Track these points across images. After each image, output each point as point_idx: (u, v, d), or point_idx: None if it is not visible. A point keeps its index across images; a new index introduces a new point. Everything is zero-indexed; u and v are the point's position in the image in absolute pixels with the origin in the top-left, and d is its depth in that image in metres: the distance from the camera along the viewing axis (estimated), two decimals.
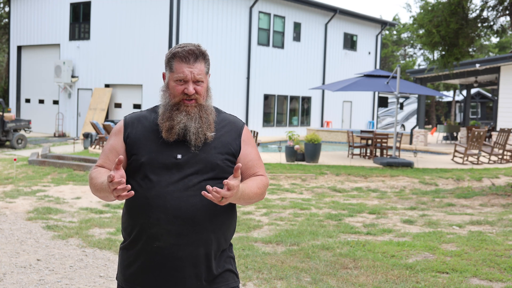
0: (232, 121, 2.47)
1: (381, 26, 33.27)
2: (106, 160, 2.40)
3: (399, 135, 18.91)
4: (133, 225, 2.34)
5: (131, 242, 2.35)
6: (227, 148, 2.37)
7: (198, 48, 2.36)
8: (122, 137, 2.39)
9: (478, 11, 12.15)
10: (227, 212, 2.37)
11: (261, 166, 2.48)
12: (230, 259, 2.43)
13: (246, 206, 9.33)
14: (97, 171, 2.36)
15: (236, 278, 2.45)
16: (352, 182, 12.58)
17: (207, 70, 2.39)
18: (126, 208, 2.39)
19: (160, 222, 2.25)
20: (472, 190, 11.43)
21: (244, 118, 25.26)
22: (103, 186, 2.24)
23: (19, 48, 27.76)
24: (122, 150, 2.37)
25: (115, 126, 2.46)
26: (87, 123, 22.90)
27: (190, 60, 2.33)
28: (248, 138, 2.46)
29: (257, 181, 2.39)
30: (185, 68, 2.32)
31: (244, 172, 2.41)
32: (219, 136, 2.38)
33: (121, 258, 2.43)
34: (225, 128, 2.42)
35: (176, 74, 2.33)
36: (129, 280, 2.38)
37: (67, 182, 11.57)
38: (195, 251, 2.28)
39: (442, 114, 48.99)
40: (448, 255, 6.07)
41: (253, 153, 2.45)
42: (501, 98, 20.57)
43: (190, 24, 22.44)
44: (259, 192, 2.37)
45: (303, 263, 5.77)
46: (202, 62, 2.35)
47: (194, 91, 2.32)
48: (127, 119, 2.44)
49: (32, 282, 5.24)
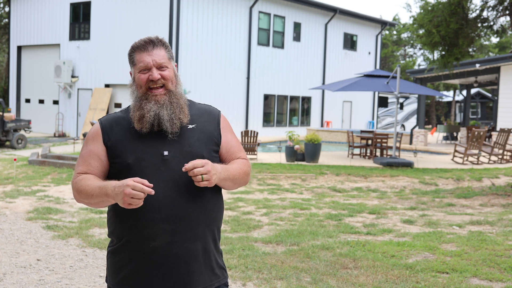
0: (208, 110, 2.47)
1: (381, 26, 33.27)
2: (88, 166, 2.33)
3: (399, 135, 18.91)
4: (123, 227, 2.30)
5: (122, 245, 2.31)
6: (210, 138, 2.38)
7: (156, 37, 2.37)
8: (102, 141, 2.34)
9: (478, 11, 12.15)
10: (217, 204, 2.39)
11: (242, 150, 2.51)
12: (220, 255, 2.46)
13: (246, 206, 9.32)
14: (84, 178, 2.30)
15: (225, 273, 2.47)
16: (352, 182, 12.58)
17: (170, 56, 2.38)
18: (113, 211, 2.34)
19: (154, 222, 2.23)
20: (472, 190, 11.43)
21: (244, 118, 25.27)
22: (103, 189, 2.19)
23: (19, 48, 27.76)
24: (103, 154, 2.33)
25: (90, 131, 2.41)
26: (87, 123, 22.90)
27: (148, 48, 2.33)
28: (226, 125, 2.48)
29: (238, 162, 2.42)
30: (145, 56, 2.32)
31: (226, 159, 2.44)
32: (200, 127, 2.38)
33: (111, 261, 2.38)
34: (203, 118, 2.42)
35: (138, 64, 2.34)
36: (122, 283, 2.34)
37: (67, 182, 11.57)
38: (191, 247, 2.28)
39: (442, 114, 48.99)
40: (448, 255, 6.07)
41: (233, 139, 2.49)
42: (501, 98, 20.57)
43: (190, 24, 22.44)
44: (242, 173, 2.40)
45: (303, 263, 5.77)
46: (161, 49, 2.35)
47: (159, 76, 2.31)
48: (103, 123, 2.39)
49: (32, 282, 5.23)
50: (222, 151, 2.43)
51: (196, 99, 21.12)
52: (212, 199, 2.34)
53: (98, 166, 2.34)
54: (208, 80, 23.40)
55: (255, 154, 15.39)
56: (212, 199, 2.34)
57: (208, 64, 23.33)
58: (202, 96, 22.68)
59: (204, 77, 23.24)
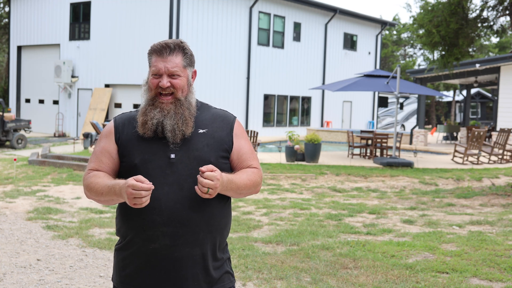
0: (223, 116, 2.43)
1: (381, 26, 33.27)
2: (99, 163, 2.35)
3: (399, 135, 18.91)
4: (127, 227, 2.32)
5: (126, 243, 2.34)
6: (220, 144, 2.34)
7: (176, 42, 2.33)
8: (114, 139, 2.36)
9: (478, 11, 12.15)
10: (223, 211, 2.36)
11: (255, 158, 2.45)
12: (227, 260, 2.43)
13: (246, 206, 9.33)
14: (95, 175, 2.32)
15: (232, 278, 2.45)
16: (352, 182, 12.58)
17: (186, 64, 2.35)
18: (120, 210, 2.36)
19: (156, 224, 2.23)
20: (472, 190, 11.43)
21: (244, 118, 25.27)
22: (112, 188, 2.20)
23: (19, 48, 27.76)
24: (115, 152, 2.35)
25: (104, 128, 2.43)
26: (87, 123, 22.90)
27: (164, 54, 2.31)
28: (240, 132, 2.43)
29: (248, 172, 2.37)
30: (159, 62, 2.32)
31: (237, 166, 2.40)
32: (211, 132, 2.35)
33: (116, 259, 2.41)
34: (216, 124, 2.38)
35: (152, 68, 2.34)
36: (125, 282, 2.35)
37: (67, 182, 11.57)
38: (192, 252, 2.27)
39: (442, 114, 48.99)
40: (448, 255, 6.07)
41: (246, 146, 2.43)
42: (501, 98, 20.57)
43: (190, 24, 22.44)
44: (249, 184, 2.35)
45: (303, 263, 5.77)
46: (178, 55, 2.32)
47: (168, 84, 2.30)
48: (117, 121, 2.40)
49: (32, 282, 5.23)
50: (233, 158, 2.39)
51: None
52: (217, 205, 2.31)
53: (109, 163, 2.35)
54: (208, 80, 23.40)
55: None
56: (217, 205, 2.31)
57: (208, 64, 23.32)
58: (202, 96, 22.68)
59: (204, 77, 23.24)
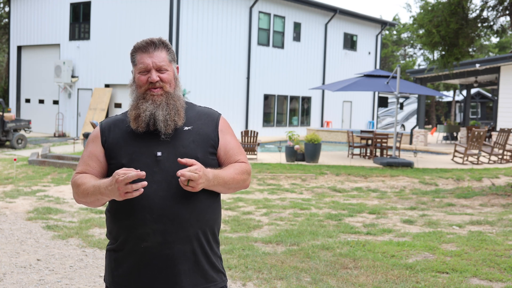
0: (208, 113, 2.47)
1: (381, 26, 33.26)
2: (86, 166, 2.39)
3: (399, 135, 18.91)
4: (119, 227, 2.34)
5: (119, 244, 2.35)
6: (206, 140, 2.38)
7: (159, 38, 2.39)
8: (100, 142, 2.40)
9: (478, 11, 12.15)
10: (212, 207, 2.38)
11: (242, 153, 2.48)
12: (218, 259, 2.44)
13: (246, 206, 9.33)
14: (82, 177, 2.36)
15: (224, 277, 2.46)
16: (352, 182, 12.58)
17: (171, 59, 2.40)
18: (109, 212, 2.39)
19: (146, 222, 2.25)
20: (472, 190, 11.43)
21: (244, 118, 25.27)
22: (97, 187, 2.23)
23: (19, 48, 27.76)
24: (102, 156, 2.38)
25: (91, 133, 2.48)
26: (87, 123, 22.90)
27: (149, 49, 2.36)
28: (225, 128, 2.46)
29: (235, 167, 2.40)
30: (146, 58, 2.35)
31: (225, 161, 2.42)
32: (196, 129, 2.38)
33: (108, 260, 2.42)
34: (201, 120, 2.42)
35: (138, 65, 2.37)
36: (118, 282, 2.37)
37: (67, 182, 11.57)
38: (183, 248, 2.29)
39: (442, 114, 48.99)
40: (448, 255, 6.07)
41: (233, 141, 2.46)
42: (501, 98, 20.57)
43: (190, 24, 22.44)
44: (237, 178, 2.37)
45: (303, 263, 5.77)
46: (163, 51, 2.38)
47: (158, 78, 2.34)
48: (103, 125, 2.45)
49: (32, 282, 5.24)
50: (220, 154, 2.42)
51: (196, 99, 21.17)
52: (206, 201, 2.34)
53: (96, 167, 2.39)
54: (208, 80, 23.40)
55: (255, 154, 15.40)
56: (206, 200, 2.34)
57: (208, 64, 23.33)
58: (202, 96, 22.69)
59: (204, 77, 23.24)
